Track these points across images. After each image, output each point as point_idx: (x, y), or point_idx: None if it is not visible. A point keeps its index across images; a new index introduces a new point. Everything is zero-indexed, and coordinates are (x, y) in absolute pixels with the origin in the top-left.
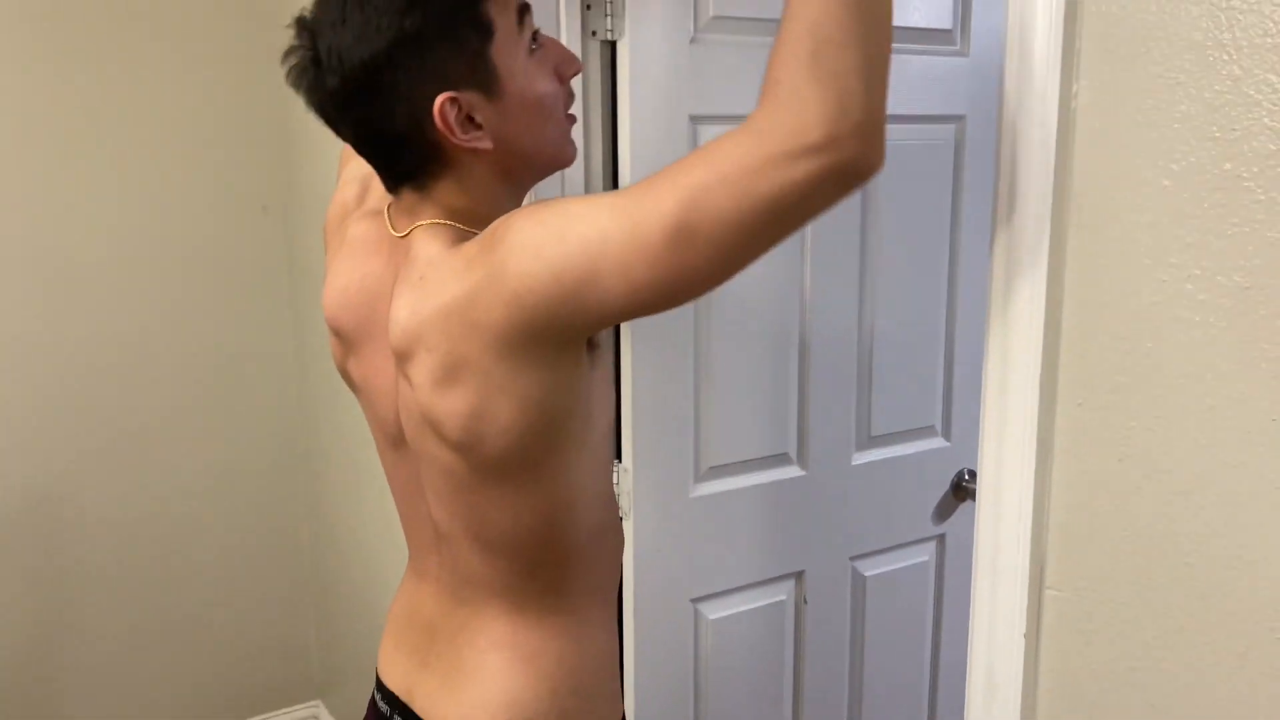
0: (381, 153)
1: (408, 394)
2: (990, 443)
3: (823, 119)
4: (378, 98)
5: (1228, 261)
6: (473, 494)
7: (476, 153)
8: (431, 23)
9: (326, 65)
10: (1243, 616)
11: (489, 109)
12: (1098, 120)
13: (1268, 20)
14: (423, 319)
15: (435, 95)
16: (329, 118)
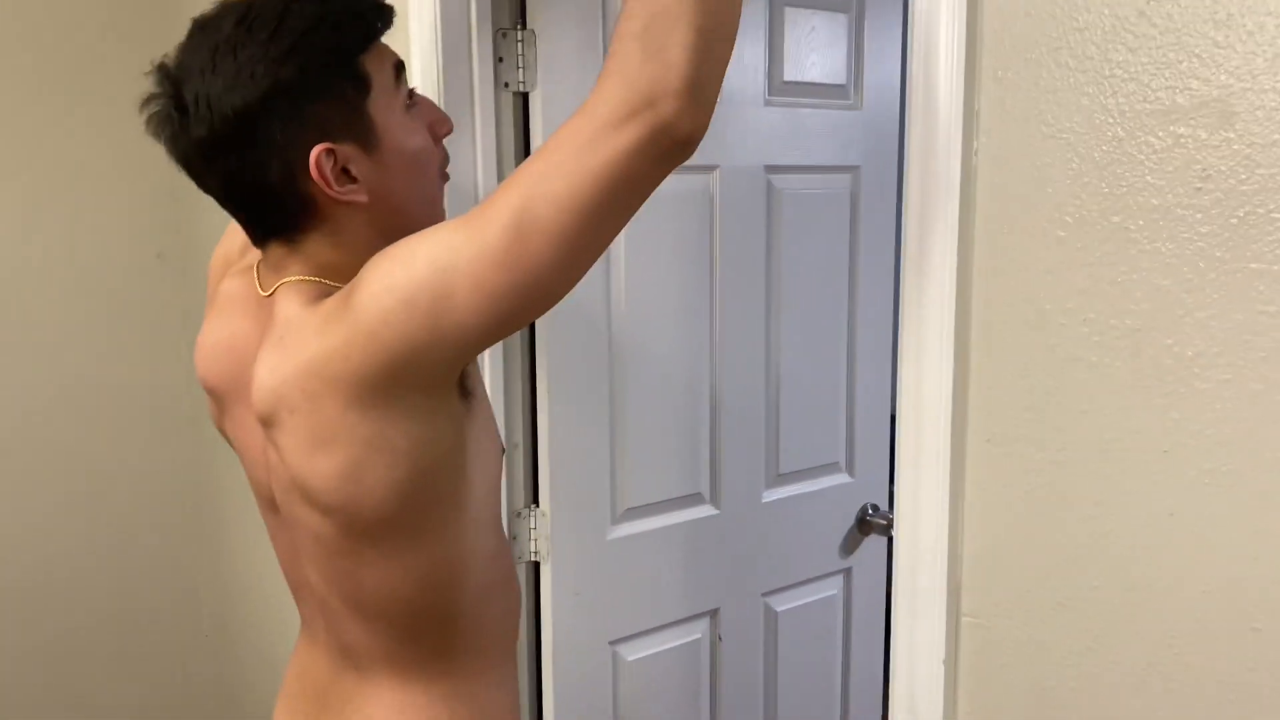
0: (250, 205)
1: (274, 459)
2: (906, 479)
3: (643, 85)
4: (250, 148)
5: (1119, 306)
6: (346, 559)
7: (351, 206)
8: (308, 73)
9: (194, 114)
10: (1146, 634)
11: (365, 162)
12: (997, 175)
13: (1146, 88)
14: (283, 379)
15: (311, 146)
16: (193, 169)
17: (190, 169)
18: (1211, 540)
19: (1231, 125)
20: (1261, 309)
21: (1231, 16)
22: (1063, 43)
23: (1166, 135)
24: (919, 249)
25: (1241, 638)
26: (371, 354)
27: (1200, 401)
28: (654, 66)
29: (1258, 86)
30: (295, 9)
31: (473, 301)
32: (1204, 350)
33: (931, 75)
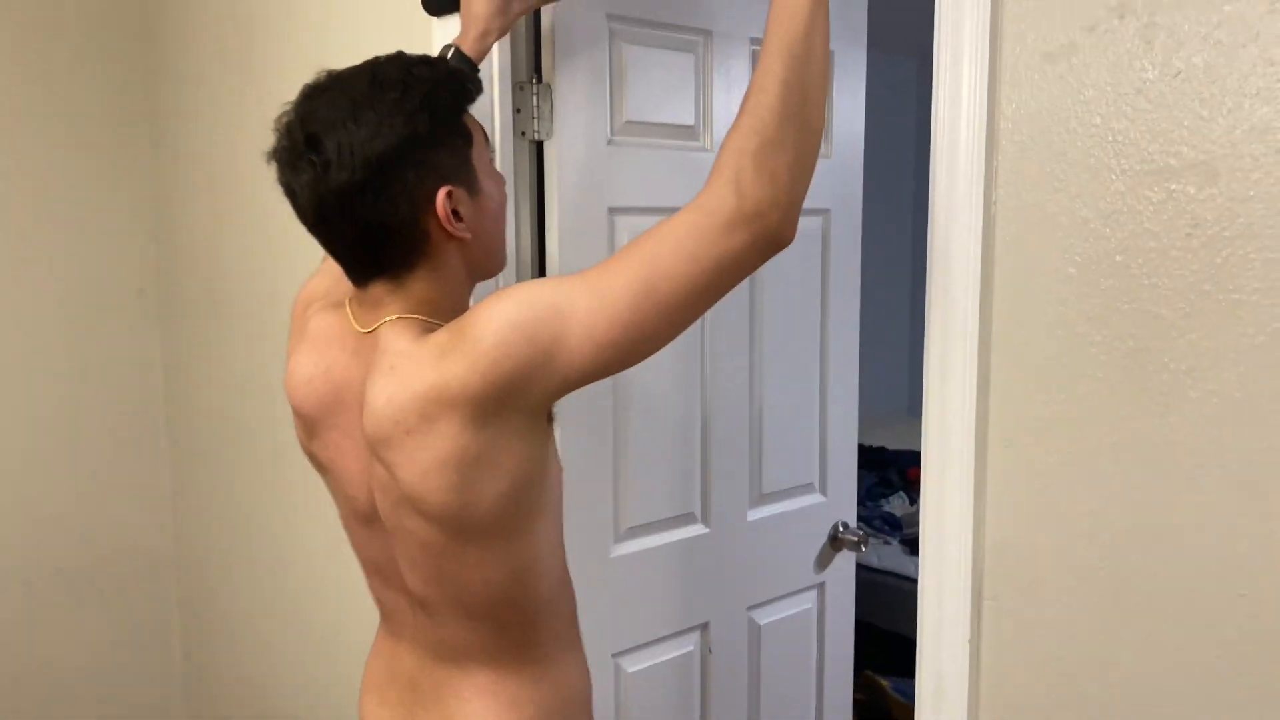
0: (373, 244)
1: (384, 477)
2: (932, 479)
3: (756, 199)
4: (385, 189)
5: (1121, 330)
6: (451, 563)
7: (455, 243)
8: (433, 125)
9: (337, 161)
10: (1147, 609)
11: (470, 205)
12: (1014, 224)
13: (1144, 151)
14: (399, 405)
15: (434, 189)
16: (326, 212)
17: (322, 212)
18: (1202, 524)
19: (1215, 183)
20: (1241, 331)
21: (1214, 95)
22: (1071, 112)
23: (1161, 190)
24: (944, 284)
25: (1231, 604)
26: (491, 380)
27: (1192, 408)
28: (765, 184)
29: (1236, 152)
30: (416, 73)
31: (585, 347)
32: (1195, 366)
33: (954, 137)
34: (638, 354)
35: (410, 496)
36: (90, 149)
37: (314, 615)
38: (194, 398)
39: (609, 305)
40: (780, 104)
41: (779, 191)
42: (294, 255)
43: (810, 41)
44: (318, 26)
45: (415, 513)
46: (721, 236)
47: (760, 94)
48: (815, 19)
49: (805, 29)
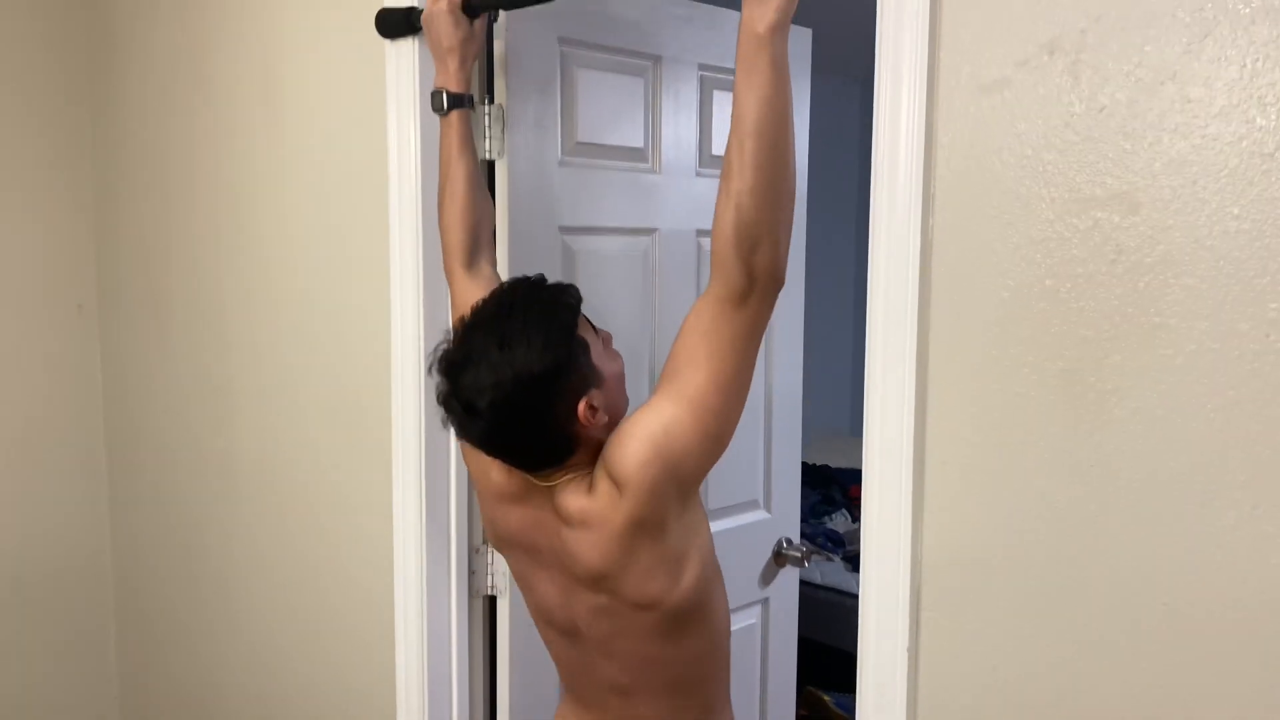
0: (535, 457)
1: (604, 602)
2: (872, 496)
3: (761, 272)
4: (539, 420)
5: (1052, 352)
6: (661, 648)
7: (596, 428)
8: (565, 342)
9: (492, 417)
10: (1077, 619)
11: (600, 396)
12: (950, 247)
13: (1072, 181)
14: (605, 550)
15: (577, 400)
16: (494, 445)
17: (491, 445)
18: (1128, 538)
19: (1138, 212)
20: (1162, 353)
21: (1136, 130)
22: (1004, 143)
23: (1087, 219)
24: (885, 305)
25: (1155, 612)
26: (654, 505)
27: (1118, 427)
28: (764, 257)
29: (1156, 184)
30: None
31: (702, 445)
32: (1119, 386)
33: (894, 163)
34: (734, 421)
35: (638, 603)
36: (26, 156)
37: (256, 631)
38: (135, 412)
39: (700, 406)
40: (760, 185)
41: (773, 256)
42: (242, 268)
43: (781, 116)
44: (270, 40)
45: (640, 611)
46: (740, 311)
47: (740, 178)
48: (783, 92)
49: (775, 105)
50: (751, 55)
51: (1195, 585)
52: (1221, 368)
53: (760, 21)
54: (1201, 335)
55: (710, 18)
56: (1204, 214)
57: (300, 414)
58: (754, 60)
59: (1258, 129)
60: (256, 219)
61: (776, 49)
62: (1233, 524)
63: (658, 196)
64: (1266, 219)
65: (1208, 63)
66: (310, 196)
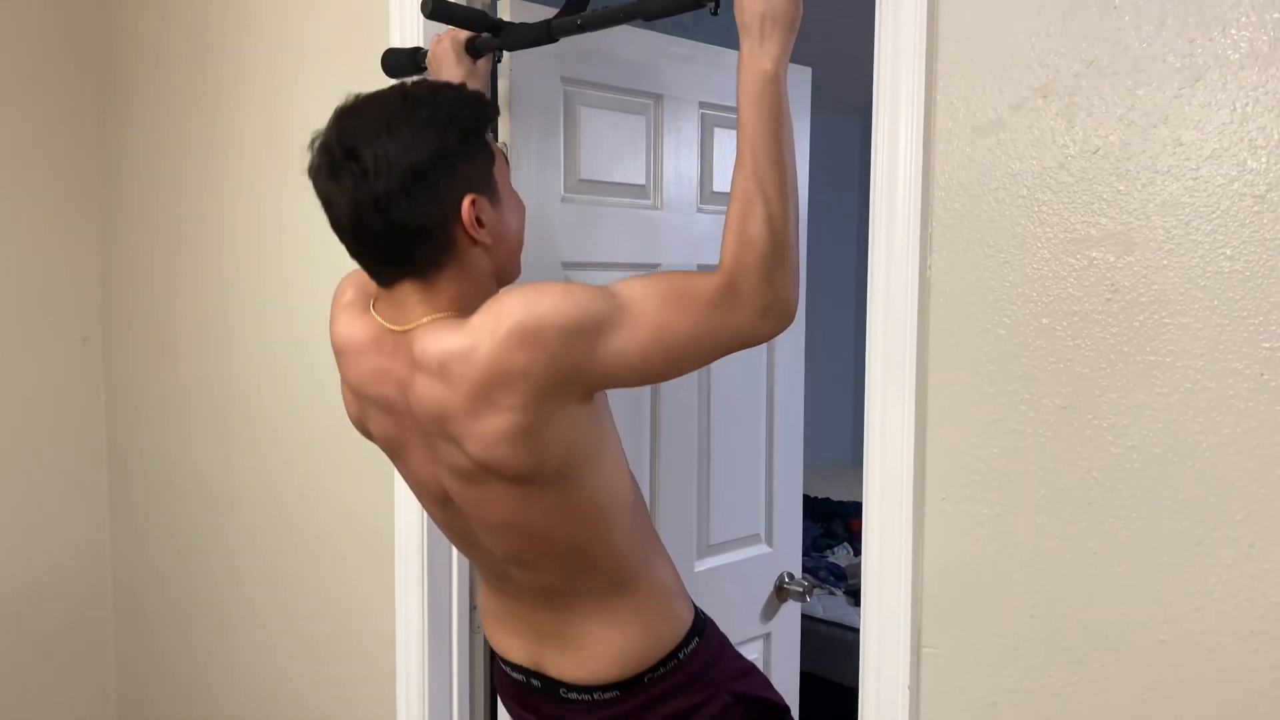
0: (404, 247)
1: (457, 458)
2: (872, 533)
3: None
4: (418, 195)
5: (1049, 389)
6: (532, 521)
7: (478, 247)
8: (463, 139)
9: (373, 170)
10: (1076, 653)
11: (491, 213)
12: (947, 285)
13: (1067, 221)
14: (457, 400)
15: (463, 195)
16: (363, 217)
17: (359, 217)
18: (1126, 574)
19: (1132, 252)
20: (1158, 391)
21: (1130, 172)
22: (1000, 184)
23: (1083, 258)
24: (884, 342)
25: (1152, 649)
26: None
27: (1114, 463)
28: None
29: (1150, 224)
30: (444, 94)
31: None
32: (1116, 423)
33: (892, 202)
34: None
35: (490, 466)
36: (34, 190)
37: (256, 656)
38: (138, 444)
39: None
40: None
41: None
42: (249, 300)
43: (786, 152)
44: (276, 78)
45: (497, 478)
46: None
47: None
48: (787, 128)
49: (780, 141)
50: (755, 94)
51: (1194, 621)
52: (1217, 405)
53: (765, 59)
54: (1197, 373)
55: (710, 56)
56: (1198, 254)
57: (303, 445)
58: (757, 99)
59: (1249, 171)
60: (261, 258)
61: (779, 86)
62: (1230, 561)
63: (659, 232)
64: (1259, 260)
65: (1199, 106)
66: (314, 237)
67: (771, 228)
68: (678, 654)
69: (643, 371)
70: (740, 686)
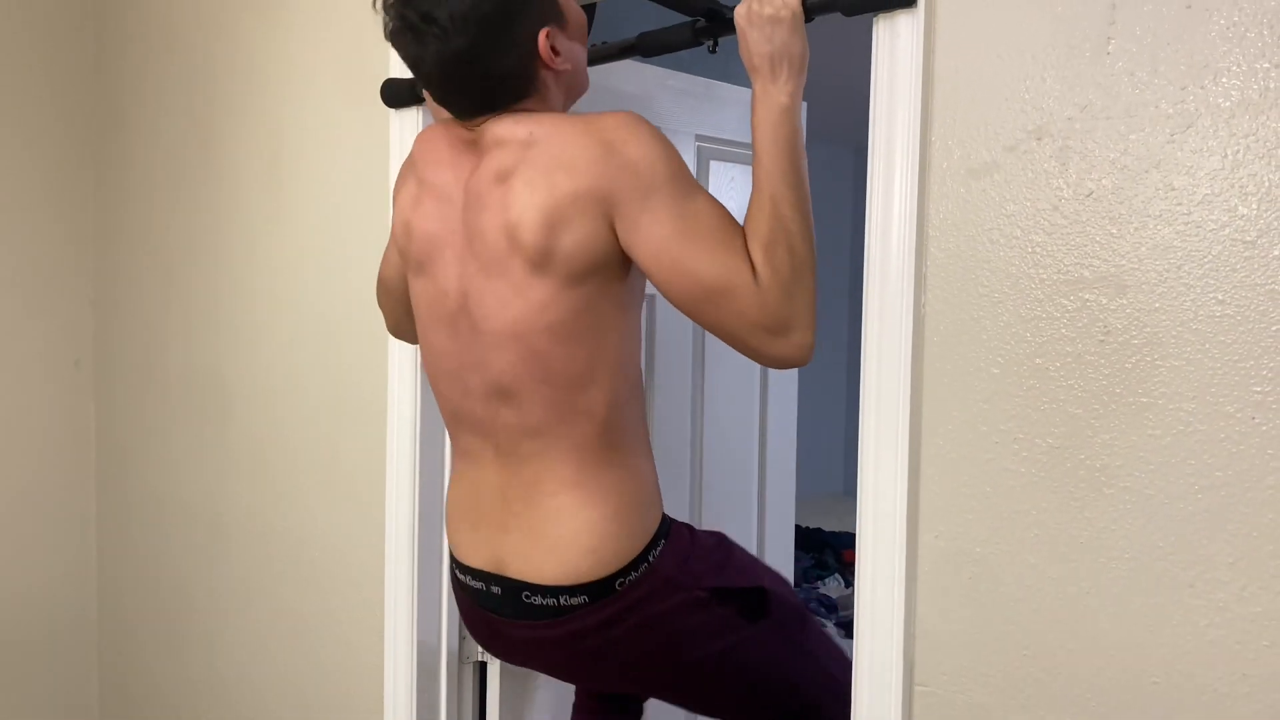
0: (492, 90)
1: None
2: (866, 568)
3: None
4: (498, 42)
5: (1041, 429)
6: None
7: (555, 74)
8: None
9: (452, 28)
10: (1067, 692)
11: (562, 38)
12: (942, 324)
13: (1060, 263)
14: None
15: (538, 30)
16: (451, 73)
17: (447, 72)
18: (1118, 614)
19: (1125, 294)
20: (1150, 432)
21: (1123, 215)
22: (994, 224)
23: (1076, 299)
24: (876, 379)
25: (1144, 691)
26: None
27: (1106, 504)
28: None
29: (1143, 267)
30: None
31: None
32: (1108, 464)
33: (886, 241)
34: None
35: (514, 231)
36: (28, 208)
37: (242, 689)
38: (128, 472)
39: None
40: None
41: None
42: (240, 331)
43: (805, 188)
44: (276, 107)
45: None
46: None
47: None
48: (804, 165)
49: (800, 177)
50: (778, 125)
51: (1185, 664)
52: (1209, 448)
53: (779, 96)
54: (1189, 416)
55: (707, 90)
56: (1189, 298)
57: (296, 478)
58: (781, 130)
59: (1239, 217)
60: (255, 284)
61: (795, 122)
62: (1221, 603)
63: None
64: (1249, 304)
65: (1191, 152)
66: (312, 265)
67: (794, 262)
68: (647, 555)
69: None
70: (713, 581)
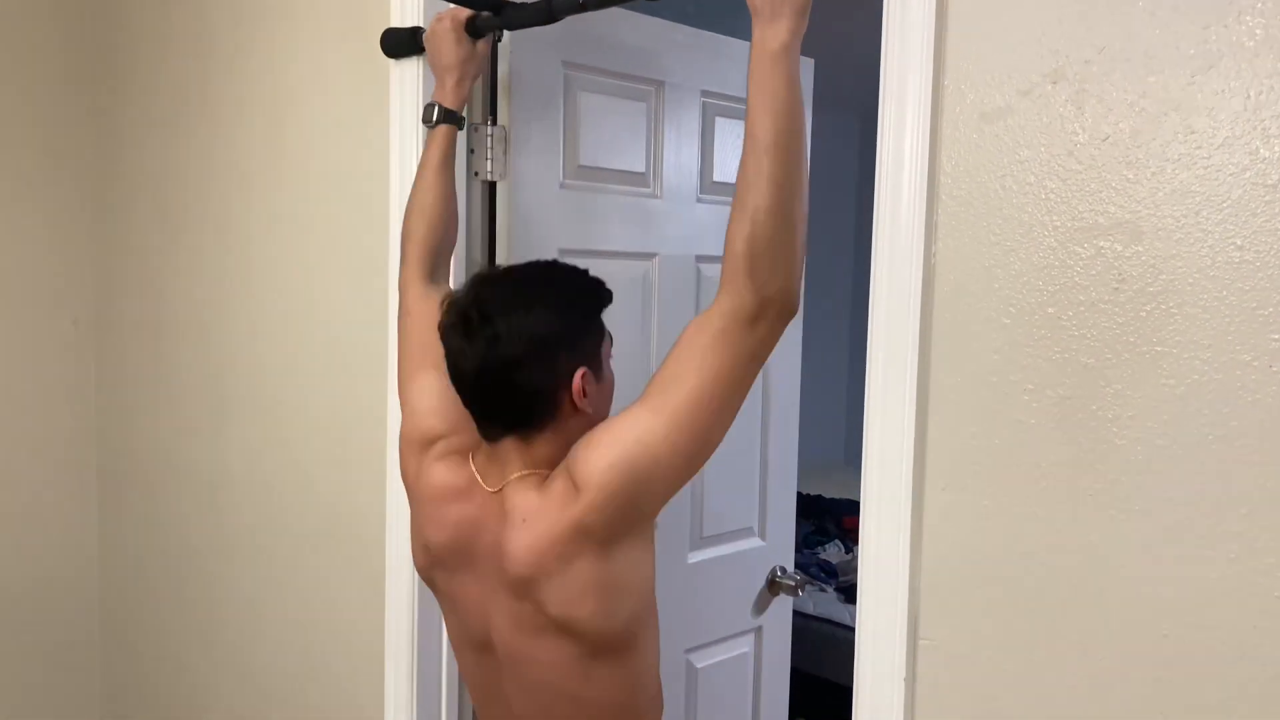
0: (516, 407)
1: (527, 612)
2: (870, 522)
3: (770, 292)
4: (541, 365)
5: (1052, 379)
6: (576, 682)
7: (577, 415)
8: (585, 318)
9: (505, 337)
10: (1074, 645)
11: (594, 387)
12: (952, 274)
13: (1074, 209)
14: (540, 551)
15: (574, 368)
16: (484, 378)
17: (483, 376)
18: (1128, 567)
19: (1140, 241)
20: (1163, 382)
21: (1139, 160)
22: (1007, 171)
23: (1090, 247)
24: (886, 328)
25: (1155, 643)
26: (608, 515)
27: (1118, 455)
28: (777, 276)
29: (1159, 213)
30: (575, 277)
31: (673, 461)
32: (1120, 414)
33: (897, 189)
34: (713, 445)
35: (560, 625)
36: (27, 170)
37: (242, 649)
38: (128, 431)
39: (680, 422)
40: (776, 203)
41: (788, 278)
42: (242, 286)
43: (796, 134)
44: (276, 60)
45: (560, 636)
46: (748, 332)
47: (756, 195)
48: (797, 110)
49: (790, 122)
50: (766, 73)
51: (1195, 616)
52: (1224, 398)
53: (774, 39)
54: (1204, 365)
55: (714, 45)
56: (1207, 244)
57: (294, 435)
58: (768, 77)
59: (1261, 160)
60: (256, 239)
61: (790, 67)
62: (1234, 555)
63: (658, 221)
64: (1269, 250)
65: (1212, 94)
66: (311, 216)
67: (754, 232)
68: None
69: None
70: None
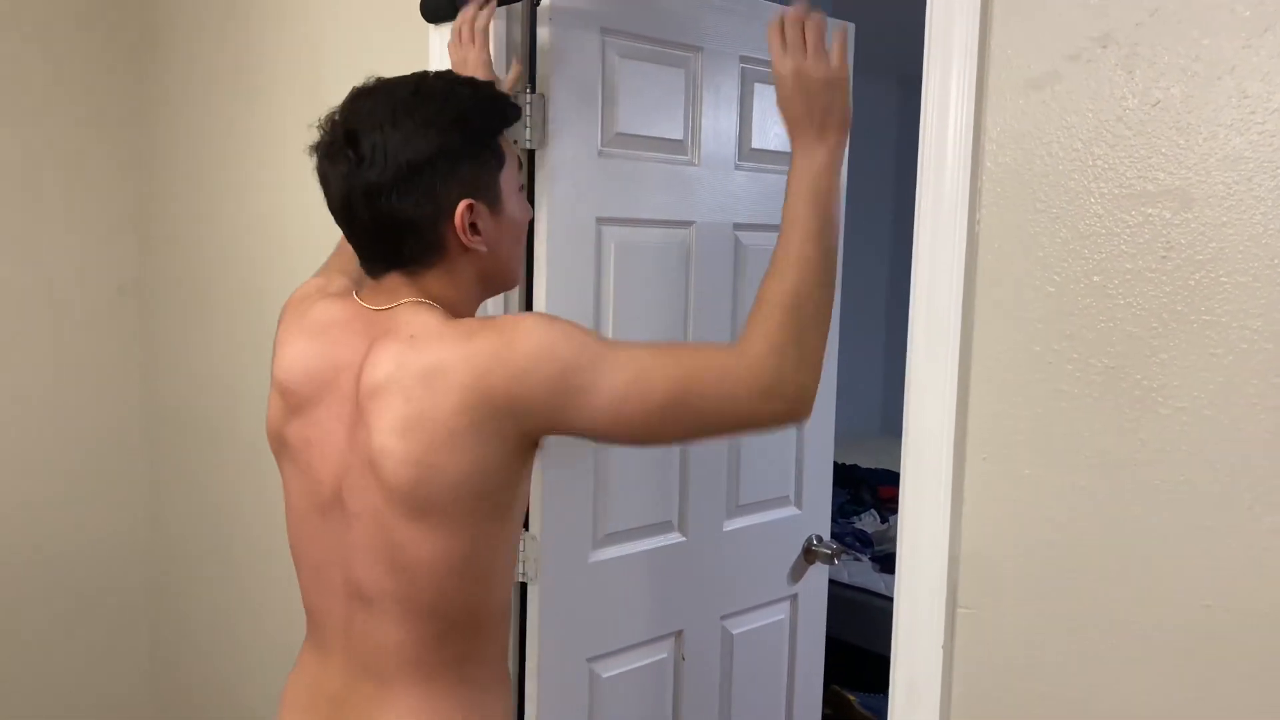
0: (392, 239)
1: (360, 440)
2: (910, 490)
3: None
4: (410, 193)
5: (1097, 349)
6: (407, 548)
7: (469, 253)
8: (468, 141)
9: (369, 160)
10: (1114, 615)
11: (489, 221)
12: (996, 241)
13: (1122, 176)
14: (406, 368)
15: (457, 199)
16: (352, 203)
17: (349, 202)
18: (1170, 537)
19: (1190, 208)
20: (1211, 351)
21: (1191, 125)
22: (1053, 137)
23: (1138, 214)
24: (928, 298)
25: (1195, 614)
26: (507, 387)
27: (1162, 425)
28: (804, 375)
29: (1210, 180)
30: (458, 90)
31: (604, 414)
32: (1165, 384)
33: (941, 156)
34: (640, 443)
35: (375, 461)
36: (72, 140)
37: (293, 622)
38: (173, 395)
39: (646, 396)
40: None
41: (810, 387)
42: (284, 251)
43: (834, 237)
44: (314, 26)
45: (378, 483)
46: (754, 396)
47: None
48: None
49: (835, 239)
50: (820, 178)
51: (1238, 588)
52: (1274, 367)
53: (829, 150)
54: (1254, 334)
55: (751, 9)
56: (1260, 211)
57: None
58: (823, 182)
59: None
60: (295, 204)
61: (837, 179)
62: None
63: (696, 189)
64: None
65: (1267, 57)
66: None
67: (799, 306)
68: None
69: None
70: None
